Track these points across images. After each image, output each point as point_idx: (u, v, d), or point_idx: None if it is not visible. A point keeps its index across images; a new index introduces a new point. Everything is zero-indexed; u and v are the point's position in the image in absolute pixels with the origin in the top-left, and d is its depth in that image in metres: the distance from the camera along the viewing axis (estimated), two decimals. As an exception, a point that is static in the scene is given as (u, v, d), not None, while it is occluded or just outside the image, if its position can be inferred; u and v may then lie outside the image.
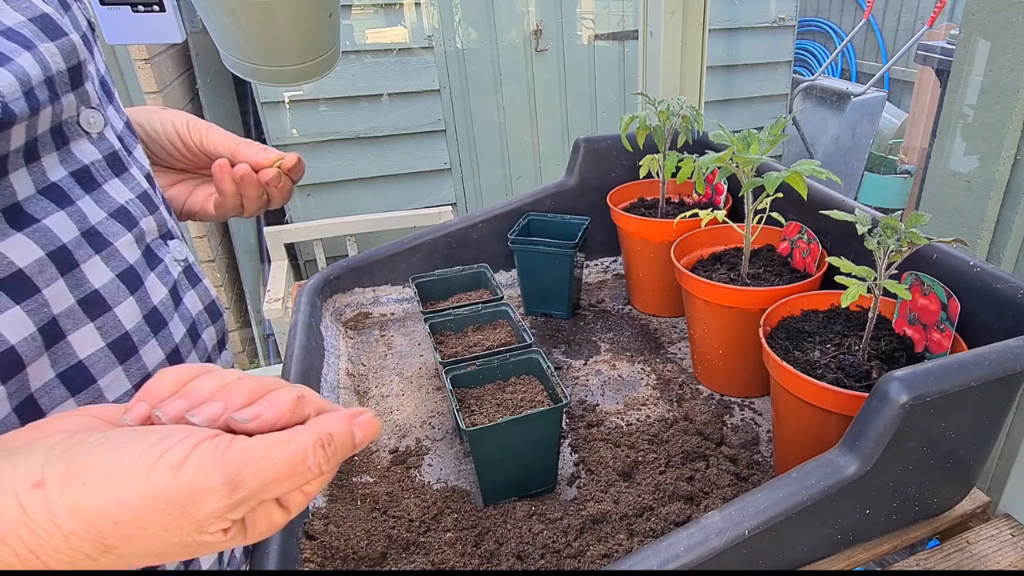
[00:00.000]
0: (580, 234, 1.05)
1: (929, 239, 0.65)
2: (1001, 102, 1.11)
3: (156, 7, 1.16)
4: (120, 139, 0.57)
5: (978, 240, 1.18)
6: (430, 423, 0.88)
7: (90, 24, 0.58)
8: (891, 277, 0.66)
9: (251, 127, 3.06)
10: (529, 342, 0.83)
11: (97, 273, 0.50)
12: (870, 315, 0.68)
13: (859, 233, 0.67)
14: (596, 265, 1.26)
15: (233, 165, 0.69)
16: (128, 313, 0.52)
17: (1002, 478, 0.72)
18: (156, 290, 0.56)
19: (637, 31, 1.47)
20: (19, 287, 0.44)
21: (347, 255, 2.23)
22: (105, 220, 0.52)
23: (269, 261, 2.64)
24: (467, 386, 0.79)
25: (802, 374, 0.64)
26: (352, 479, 0.78)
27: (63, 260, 0.47)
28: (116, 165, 0.55)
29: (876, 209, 0.80)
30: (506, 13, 3.15)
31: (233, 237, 2.92)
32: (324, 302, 1.07)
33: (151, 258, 0.57)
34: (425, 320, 0.89)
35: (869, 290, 0.64)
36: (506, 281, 1.20)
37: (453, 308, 0.92)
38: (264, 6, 0.88)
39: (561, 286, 1.07)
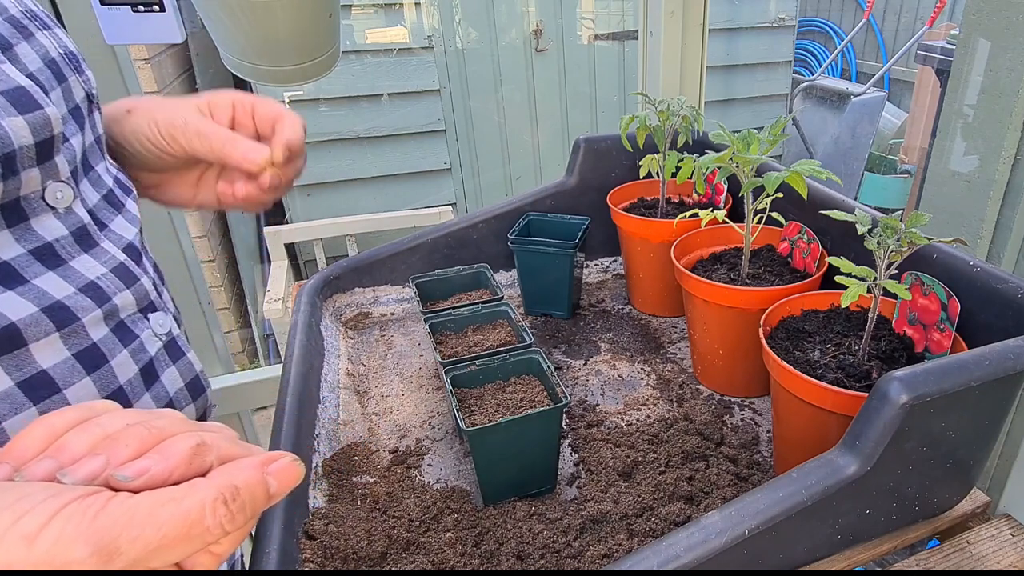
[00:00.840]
0: (580, 234, 1.05)
1: (929, 239, 0.65)
2: (1001, 102, 1.11)
3: (156, 7, 1.16)
4: (93, 213, 0.54)
5: (978, 240, 1.19)
6: (430, 423, 0.88)
7: (88, 96, 0.56)
8: (891, 277, 0.66)
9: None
10: (529, 342, 0.83)
11: (47, 353, 0.47)
12: (870, 315, 0.68)
13: (859, 233, 0.67)
14: (596, 265, 1.26)
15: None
16: (81, 395, 0.48)
17: (1002, 478, 0.72)
18: (124, 369, 0.53)
19: (637, 31, 1.47)
20: None
21: (347, 255, 2.22)
22: (73, 295, 0.49)
23: (269, 261, 2.64)
24: (467, 386, 0.79)
25: (802, 374, 0.64)
26: (352, 479, 0.78)
27: (5, 339, 0.44)
28: (84, 241, 0.51)
29: (876, 209, 0.80)
30: (506, 13, 3.15)
31: (233, 237, 2.92)
32: (324, 302, 1.07)
33: (124, 334, 0.53)
34: (425, 320, 0.89)
35: (869, 290, 0.64)
36: (506, 281, 1.20)
37: (453, 308, 0.92)
38: (264, 6, 0.88)
39: (561, 286, 1.07)
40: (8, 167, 0.44)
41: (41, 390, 0.47)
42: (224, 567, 0.63)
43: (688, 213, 0.91)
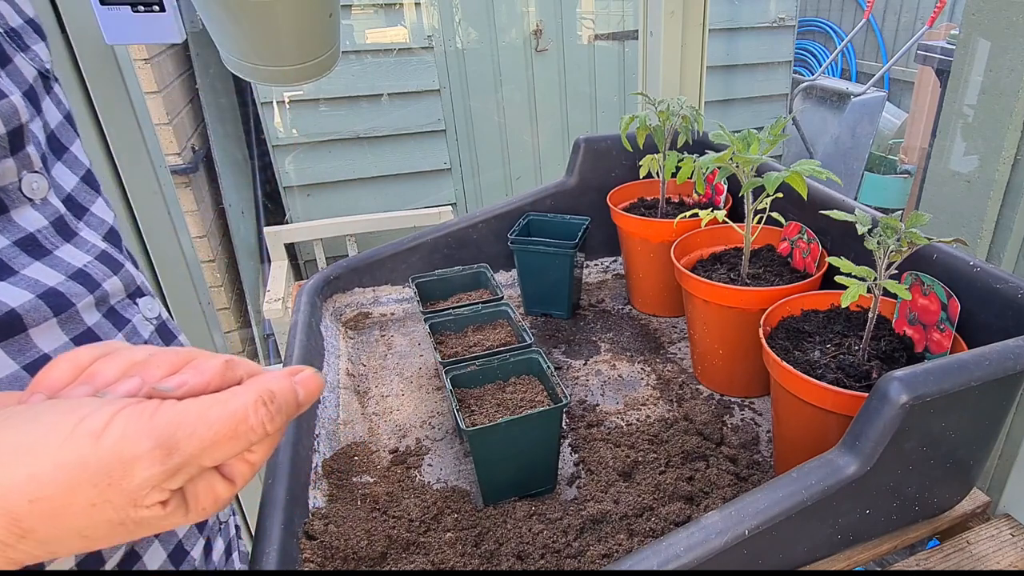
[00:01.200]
0: (580, 234, 1.05)
1: (929, 239, 0.65)
2: (1001, 102, 1.11)
3: (156, 7, 1.16)
4: (69, 200, 0.53)
5: (978, 240, 1.18)
6: (430, 423, 0.88)
7: (42, 74, 0.53)
8: (891, 277, 0.66)
9: (251, 127, 3.06)
10: (529, 342, 0.83)
11: (47, 338, 0.47)
12: (870, 315, 0.68)
13: (859, 233, 0.67)
14: (596, 265, 1.26)
15: None
16: None
17: (1002, 478, 0.72)
18: None
19: (637, 31, 1.47)
20: None
21: (347, 255, 2.22)
22: (65, 282, 0.49)
23: (269, 261, 2.64)
24: (467, 386, 0.79)
25: (802, 374, 0.64)
26: (352, 479, 0.78)
27: (7, 325, 0.44)
28: (64, 231, 0.51)
29: (876, 209, 0.80)
30: (506, 13, 3.15)
31: (233, 237, 2.92)
32: (324, 302, 1.07)
33: (116, 319, 0.53)
34: (425, 320, 0.89)
35: (869, 290, 0.64)
36: (506, 281, 1.20)
37: (453, 308, 0.92)
38: (264, 6, 0.88)
39: (561, 286, 1.07)
40: None
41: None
42: (222, 567, 0.63)
43: (688, 213, 0.91)
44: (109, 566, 0.49)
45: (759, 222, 0.85)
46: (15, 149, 0.47)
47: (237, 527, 0.73)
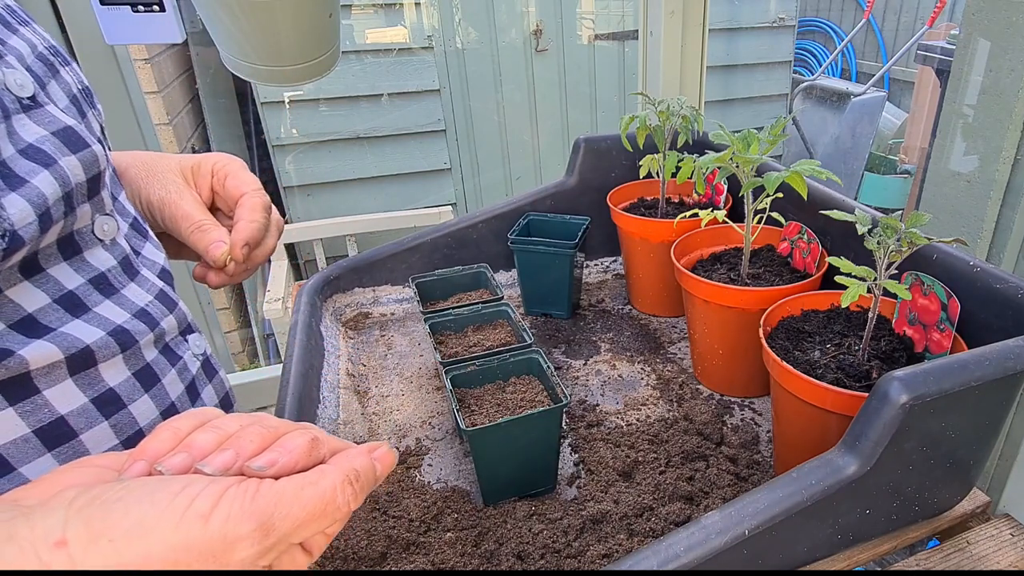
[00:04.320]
0: (580, 234, 1.05)
1: (929, 239, 0.65)
2: (1001, 102, 1.11)
3: (156, 7, 1.16)
4: (128, 240, 0.57)
5: (978, 240, 1.18)
6: (430, 423, 0.88)
7: (101, 128, 0.58)
8: (891, 277, 0.66)
9: (251, 127, 3.06)
10: (529, 342, 0.83)
11: (113, 373, 0.50)
12: (870, 315, 0.68)
13: (859, 233, 0.67)
14: (596, 265, 1.26)
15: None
16: (142, 410, 0.53)
17: (1002, 478, 0.72)
18: (173, 387, 0.57)
19: (637, 31, 1.47)
20: (15, 389, 0.44)
21: (347, 255, 2.23)
22: (130, 320, 0.52)
23: (269, 261, 2.64)
24: (467, 386, 0.79)
25: (802, 374, 0.64)
26: (352, 479, 0.78)
27: (80, 360, 0.48)
28: (129, 270, 0.55)
29: (876, 209, 0.80)
30: (506, 13, 3.15)
31: (233, 237, 2.91)
32: (324, 302, 1.07)
33: (170, 355, 0.57)
34: (425, 320, 0.89)
35: (869, 290, 0.64)
36: (506, 281, 1.20)
37: (453, 308, 0.92)
38: (264, 6, 0.89)
39: (561, 286, 1.07)
40: (68, 204, 0.47)
41: (111, 406, 0.50)
42: None
43: (688, 213, 0.91)
44: None
45: (759, 222, 0.85)
46: (92, 195, 0.51)
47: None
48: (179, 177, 0.66)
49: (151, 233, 0.63)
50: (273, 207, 0.69)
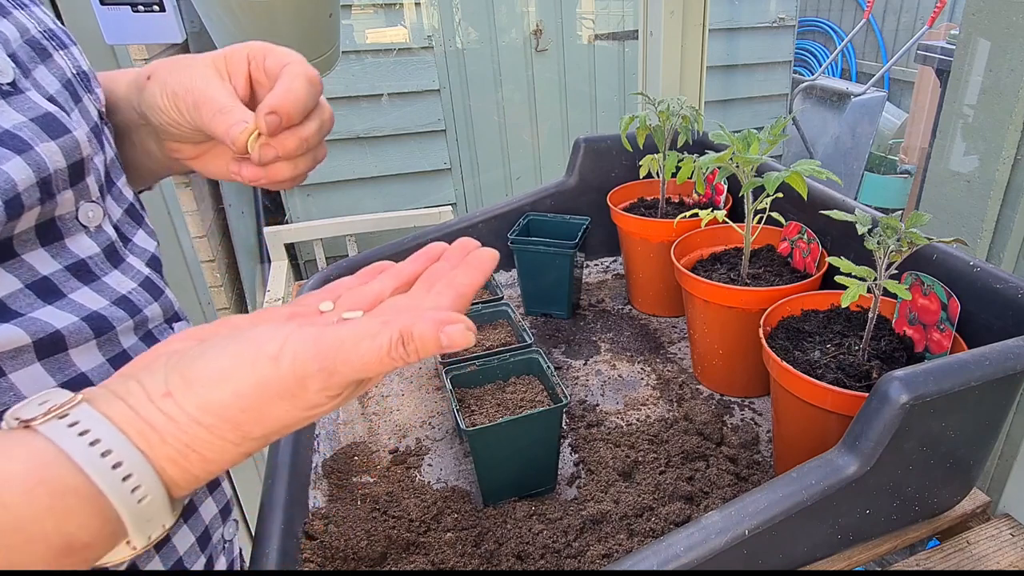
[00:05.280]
0: (580, 234, 1.05)
1: (929, 239, 0.65)
2: (1001, 102, 1.11)
3: (156, 7, 1.16)
4: (117, 227, 0.56)
5: (978, 240, 1.18)
6: (430, 423, 0.88)
7: (100, 114, 0.57)
8: (891, 277, 0.66)
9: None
10: (529, 342, 0.83)
11: (85, 358, 0.50)
12: (870, 315, 0.68)
13: (859, 233, 0.67)
14: (596, 265, 1.26)
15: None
16: None
17: (1002, 478, 0.72)
18: None
19: (637, 31, 1.47)
20: None
21: (347, 255, 2.22)
22: (108, 307, 0.52)
23: (269, 261, 2.64)
24: (467, 386, 0.79)
25: (802, 374, 0.64)
26: (352, 479, 0.78)
27: (49, 344, 0.47)
28: (113, 257, 0.54)
29: (876, 209, 0.80)
30: (506, 13, 3.15)
31: (233, 237, 2.92)
32: (324, 302, 1.06)
33: (151, 342, 0.56)
34: (425, 320, 0.89)
35: (869, 290, 0.64)
36: (506, 281, 1.20)
37: (453, 308, 0.92)
38: (264, 6, 0.89)
39: (561, 286, 1.07)
40: (45, 191, 0.47)
41: (81, 389, 0.49)
42: (201, 563, 0.63)
43: (688, 213, 0.91)
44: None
45: (759, 222, 0.85)
46: (74, 181, 0.50)
47: (240, 548, 0.73)
48: (211, 69, 0.58)
49: (146, 219, 0.62)
50: (325, 103, 0.60)
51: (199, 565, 0.60)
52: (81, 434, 0.34)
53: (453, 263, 0.47)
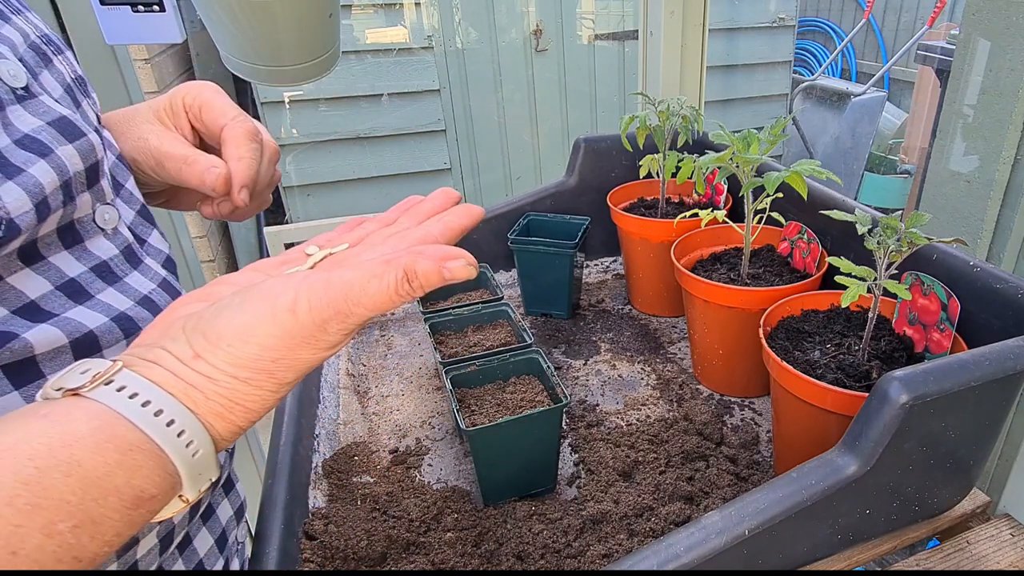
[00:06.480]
0: (580, 234, 1.05)
1: (929, 239, 0.65)
2: (1001, 102, 1.11)
3: (156, 7, 1.16)
4: (132, 229, 0.57)
5: (978, 240, 1.18)
6: (430, 423, 0.88)
7: (97, 117, 0.58)
8: (891, 277, 0.66)
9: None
10: (529, 342, 0.83)
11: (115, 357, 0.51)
12: (870, 315, 0.68)
13: (859, 233, 0.67)
14: (596, 265, 1.26)
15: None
16: None
17: (1002, 478, 0.72)
18: None
19: (637, 31, 1.47)
20: (20, 373, 0.44)
21: (347, 255, 2.21)
22: (133, 307, 0.53)
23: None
24: (467, 386, 0.79)
25: (802, 374, 0.64)
26: (352, 479, 0.78)
27: (85, 345, 0.48)
28: (132, 258, 0.55)
29: (876, 209, 0.80)
30: (506, 13, 3.15)
31: (233, 237, 2.92)
32: (324, 302, 1.06)
33: None
34: (425, 320, 0.89)
35: (869, 290, 0.64)
36: (506, 281, 1.20)
37: (453, 308, 0.92)
38: (264, 6, 0.89)
39: (561, 286, 1.07)
40: (67, 193, 0.47)
41: None
42: (220, 565, 0.63)
43: (688, 213, 0.91)
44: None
45: (759, 222, 0.85)
46: (91, 183, 0.51)
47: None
48: (155, 123, 0.62)
49: (156, 221, 0.63)
50: (262, 129, 0.63)
51: (218, 567, 0.60)
52: (131, 396, 0.35)
53: (436, 204, 0.50)
